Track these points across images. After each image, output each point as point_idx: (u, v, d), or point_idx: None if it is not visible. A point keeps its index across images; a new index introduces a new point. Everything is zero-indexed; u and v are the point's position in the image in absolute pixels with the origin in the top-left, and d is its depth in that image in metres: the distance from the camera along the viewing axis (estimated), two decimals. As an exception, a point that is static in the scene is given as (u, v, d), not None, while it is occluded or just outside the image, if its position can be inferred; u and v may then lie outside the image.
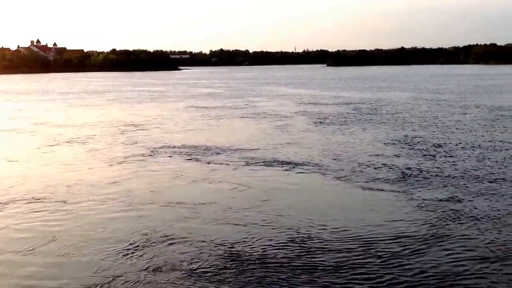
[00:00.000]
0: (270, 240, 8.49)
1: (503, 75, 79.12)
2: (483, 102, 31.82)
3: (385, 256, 7.70)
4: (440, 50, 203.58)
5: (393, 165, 14.06)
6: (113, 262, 7.70)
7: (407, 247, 8.02)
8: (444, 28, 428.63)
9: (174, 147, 17.80)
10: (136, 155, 16.34)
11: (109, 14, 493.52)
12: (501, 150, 15.86)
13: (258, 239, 8.52)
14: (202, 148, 17.37)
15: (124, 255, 7.95)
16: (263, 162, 14.98)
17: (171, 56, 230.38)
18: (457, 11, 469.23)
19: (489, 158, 14.60)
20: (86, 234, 8.97)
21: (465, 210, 9.86)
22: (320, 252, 7.93)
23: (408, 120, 23.88)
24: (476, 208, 9.95)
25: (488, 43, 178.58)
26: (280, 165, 14.47)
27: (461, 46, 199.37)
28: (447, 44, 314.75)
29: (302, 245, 8.22)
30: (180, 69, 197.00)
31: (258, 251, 8.00)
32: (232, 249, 8.11)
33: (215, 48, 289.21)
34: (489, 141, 17.53)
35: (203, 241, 8.47)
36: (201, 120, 26.57)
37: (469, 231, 8.66)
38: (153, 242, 8.48)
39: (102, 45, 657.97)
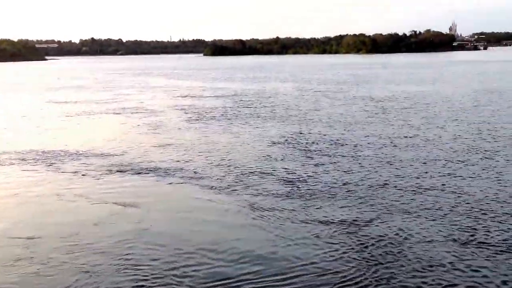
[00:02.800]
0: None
1: (374, 64, 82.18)
2: (365, 93, 31.14)
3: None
4: (312, 40, 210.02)
5: (286, 171, 12.00)
6: None
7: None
8: (317, 18, 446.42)
9: (21, 152, 14.65)
10: (-34, 166, 13.02)
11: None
12: (406, 149, 14.33)
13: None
14: (57, 153, 14.47)
15: None
16: (131, 169, 12.46)
17: (37, 46, 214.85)
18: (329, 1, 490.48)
19: (396, 158, 13.02)
20: None
21: (389, 234, 7.92)
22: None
23: (295, 114, 22.05)
24: (402, 231, 8.08)
25: (357, 33, 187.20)
26: (150, 174, 12.02)
27: (332, 36, 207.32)
28: (319, 34, 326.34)
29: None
30: (46, 60, 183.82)
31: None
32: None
33: (85, 37, 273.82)
34: (389, 137, 16.00)
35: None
36: (59, 117, 22.95)
37: (401, 270, 6.69)
38: None
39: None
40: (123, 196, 10.28)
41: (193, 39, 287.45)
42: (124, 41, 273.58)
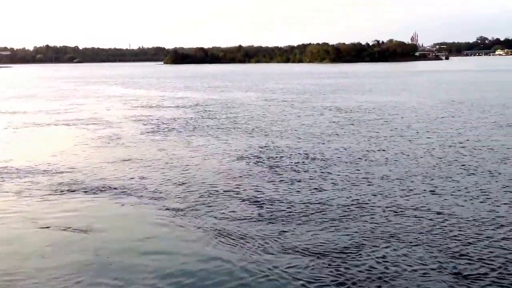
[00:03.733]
0: None
1: (338, 73, 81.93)
2: (332, 103, 30.11)
3: None
4: (276, 49, 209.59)
5: (254, 190, 10.92)
6: None
7: None
8: (280, 27, 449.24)
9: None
10: None
11: None
12: (380, 164, 13.34)
13: None
14: (-2, 170, 13.02)
15: None
16: (82, 188, 11.25)
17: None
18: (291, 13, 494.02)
19: (371, 175, 12.08)
20: None
21: (373, 265, 6.97)
22: None
23: (261, 126, 20.88)
24: (387, 260, 7.13)
25: (320, 42, 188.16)
26: (104, 194, 10.86)
27: (295, 45, 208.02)
28: (282, 43, 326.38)
29: None
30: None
31: None
32: None
33: (40, 44, 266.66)
34: (361, 151, 15.05)
35: None
36: (5, 129, 21.24)
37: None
38: None
39: None
40: (73, 219, 9.17)
41: (153, 47, 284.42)
42: (80, 48, 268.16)
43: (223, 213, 9.46)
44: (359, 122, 21.37)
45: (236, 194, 10.68)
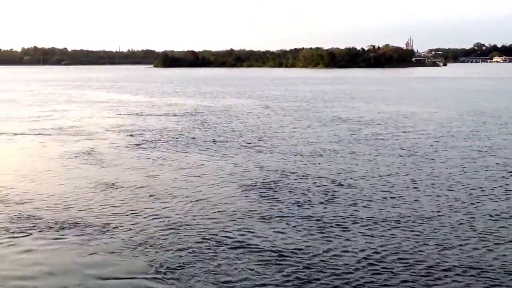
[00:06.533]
0: None
1: (335, 79, 79.17)
2: (335, 113, 27.54)
3: None
4: (268, 53, 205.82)
5: (263, 236, 8.38)
6: None
7: None
8: (271, 31, 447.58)
9: None
10: None
11: None
12: (408, 197, 10.95)
13: None
14: None
15: None
16: (42, 226, 8.91)
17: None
18: (283, 15, 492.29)
19: (406, 215, 9.54)
20: None
21: None
22: None
23: (262, 140, 18.07)
24: None
25: (313, 47, 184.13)
26: (70, 234, 8.62)
27: (288, 49, 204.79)
28: (275, 47, 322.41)
29: None
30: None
31: None
32: None
33: (28, 45, 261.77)
34: (382, 177, 12.56)
35: None
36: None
37: None
38: None
39: None
40: (26, 281, 6.98)
41: (143, 50, 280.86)
42: (69, 50, 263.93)
43: (223, 274, 7.00)
44: (371, 136, 18.73)
45: (238, 243, 8.18)
